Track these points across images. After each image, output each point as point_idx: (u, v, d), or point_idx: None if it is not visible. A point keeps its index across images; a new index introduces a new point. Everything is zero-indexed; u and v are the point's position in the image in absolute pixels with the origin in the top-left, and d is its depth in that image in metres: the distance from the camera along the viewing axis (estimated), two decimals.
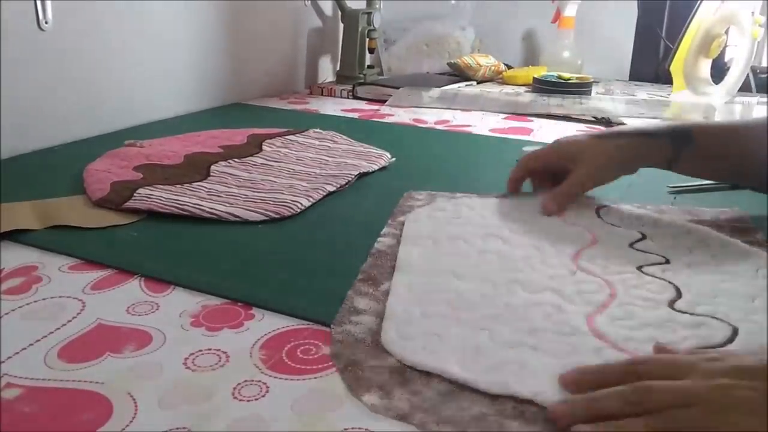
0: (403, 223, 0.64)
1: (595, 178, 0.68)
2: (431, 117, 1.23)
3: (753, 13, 1.31)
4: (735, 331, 0.46)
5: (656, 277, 0.54)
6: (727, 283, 0.53)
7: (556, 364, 0.41)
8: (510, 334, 0.45)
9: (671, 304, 0.50)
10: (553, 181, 0.70)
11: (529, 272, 0.54)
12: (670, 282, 0.53)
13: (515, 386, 0.39)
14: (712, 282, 0.53)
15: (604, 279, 0.53)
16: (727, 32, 1.40)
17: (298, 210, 0.69)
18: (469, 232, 0.62)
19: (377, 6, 1.59)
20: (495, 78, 1.66)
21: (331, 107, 1.32)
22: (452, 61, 1.64)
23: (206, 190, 0.73)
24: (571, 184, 0.67)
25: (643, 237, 0.61)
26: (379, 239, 0.61)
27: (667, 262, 0.57)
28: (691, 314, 0.48)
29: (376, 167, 0.85)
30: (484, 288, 0.52)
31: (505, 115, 1.27)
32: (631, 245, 0.60)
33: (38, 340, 0.45)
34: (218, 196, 0.71)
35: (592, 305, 0.49)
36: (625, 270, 0.55)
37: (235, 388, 0.40)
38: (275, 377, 0.41)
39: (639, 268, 0.55)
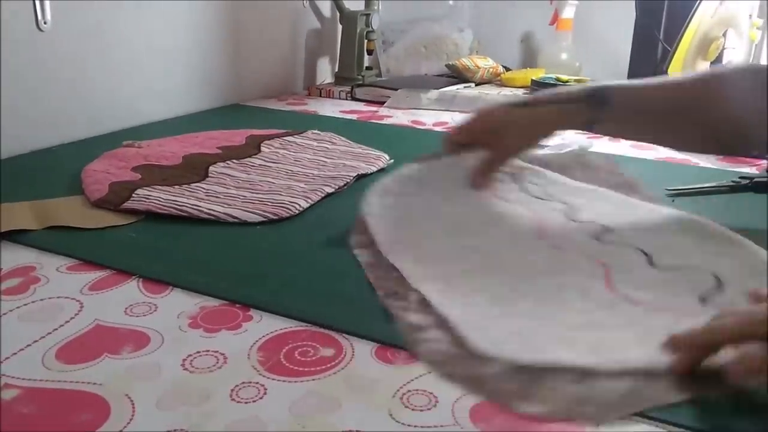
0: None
1: (518, 149, 0.70)
2: (429, 119, 1.23)
3: (751, 15, 1.32)
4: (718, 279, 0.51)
5: (617, 242, 0.58)
6: (668, 237, 0.59)
7: (631, 332, 0.45)
8: (572, 318, 0.47)
9: (650, 262, 0.54)
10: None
11: (527, 258, 0.56)
12: (634, 245, 0.57)
13: (632, 360, 0.42)
14: (670, 241, 0.58)
15: (581, 251, 0.57)
16: (725, 35, 1.40)
17: (297, 211, 0.69)
18: (431, 225, 0.62)
19: (375, 7, 1.59)
20: (493, 80, 1.66)
21: (329, 108, 1.32)
22: (450, 63, 1.64)
23: (204, 191, 0.73)
24: (495, 154, 0.68)
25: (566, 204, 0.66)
26: (357, 251, 0.59)
27: (610, 230, 0.61)
28: (676, 268, 0.53)
29: (375, 169, 0.85)
30: (506, 279, 0.53)
31: None
32: (570, 218, 0.64)
33: (36, 341, 0.45)
34: (216, 197, 0.71)
35: (597, 277, 0.52)
36: (585, 240, 0.59)
37: (233, 390, 0.40)
38: (273, 379, 0.41)
39: (596, 238, 0.59)
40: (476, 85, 1.61)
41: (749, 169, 0.91)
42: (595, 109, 0.67)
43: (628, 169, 0.82)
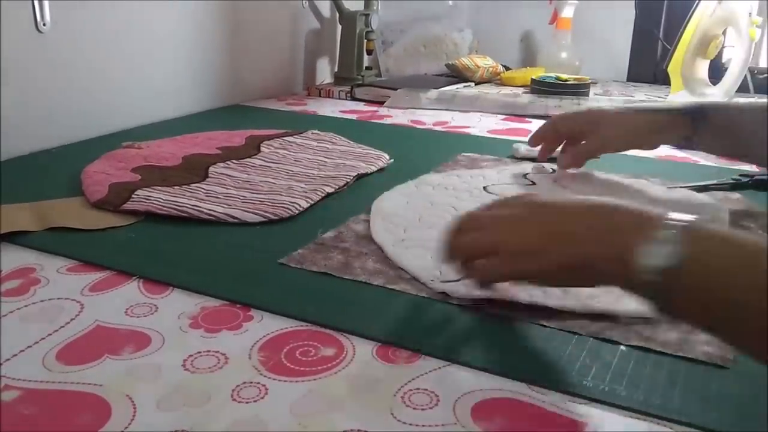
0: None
1: (614, 144, 0.77)
2: (429, 118, 1.23)
3: (750, 13, 1.31)
4: None
5: None
6: None
7: None
8: None
9: None
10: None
11: None
12: None
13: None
14: None
15: None
16: (724, 33, 1.40)
17: (297, 211, 0.68)
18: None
19: (375, 7, 1.59)
20: (493, 79, 1.66)
21: (329, 108, 1.32)
22: (450, 63, 1.64)
23: (204, 191, 0.73)
24: (589, 144, 0.76)
25: None
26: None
27: None
28: None
29: (375, 168, 0.85)
30: None
31: (504, 117, 1.27)
32: None
33: (36, 342, 0.44)
34: (216, 197, 0.71)
35: None
36: None
37: (234, 390, 0.40)
38: (274, 379, 0.41)
39: None
40: (476, 84, 1.61)
41: (750, 167, 0.91)
42: (694, 121, 0.72)
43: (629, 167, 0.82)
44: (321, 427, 0.37)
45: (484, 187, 0.77)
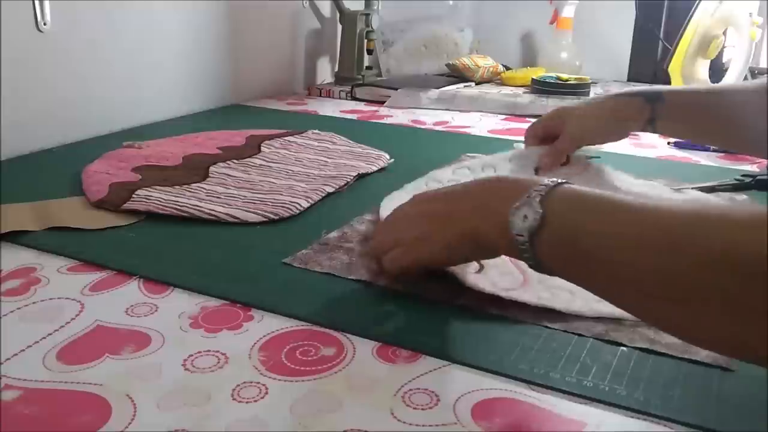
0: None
1: (581, 138, 0.79)
2: (430, 118, 1.23)
3: (751, 14, 1.31)
4: None
5: None
6: None
7: None
8: None
9: None
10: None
11: None
12: None
13: None
14: None
15: None
16: (725, 33, 1.40)
17: (297, 211, 0.68)
18: None
19: (375, 7, 1.59)
20: (493, 79, 1.66)
21: (329, 108, 1.32)
22: (450, 62, 1.64)
23: (205, 191, 0.73)
24: (560, 142, 0.78)
25: None
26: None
27: None
28: None
29: (375, 168, 0.85)
30: None
31: (504, 116, 1.27)
32: None
33: (37, 342, 0.44)
34: (217, 197, 0.71)
35: None
36: None
37: (234, 390, 0.40)
38: (274, 379, 0.41)
39: None
40: (476, 84, 1.61)
41: (751, 167, 0.91)
42: (652, 104, 0.74)
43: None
44: (321, 427, 0.37)
45: None
